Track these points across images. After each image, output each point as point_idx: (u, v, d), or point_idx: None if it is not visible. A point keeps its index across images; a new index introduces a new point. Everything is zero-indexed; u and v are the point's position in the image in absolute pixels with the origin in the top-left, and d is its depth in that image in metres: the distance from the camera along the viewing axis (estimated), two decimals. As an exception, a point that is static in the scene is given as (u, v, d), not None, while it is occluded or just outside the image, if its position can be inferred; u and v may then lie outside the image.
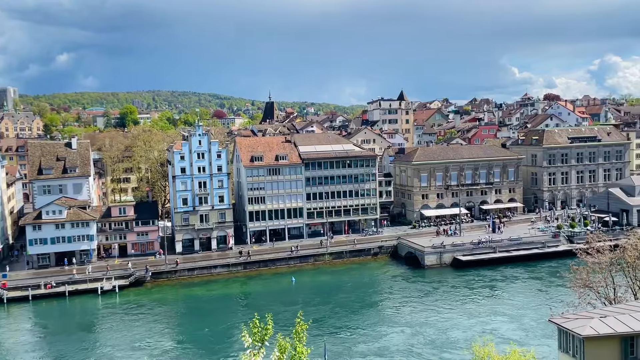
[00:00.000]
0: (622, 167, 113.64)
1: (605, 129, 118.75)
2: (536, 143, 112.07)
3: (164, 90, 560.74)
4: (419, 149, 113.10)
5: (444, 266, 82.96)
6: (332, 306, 68.10)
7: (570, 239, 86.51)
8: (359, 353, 52.58)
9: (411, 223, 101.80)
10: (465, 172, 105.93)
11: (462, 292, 71.79)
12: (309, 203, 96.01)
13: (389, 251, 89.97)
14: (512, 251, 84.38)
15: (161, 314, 68.26)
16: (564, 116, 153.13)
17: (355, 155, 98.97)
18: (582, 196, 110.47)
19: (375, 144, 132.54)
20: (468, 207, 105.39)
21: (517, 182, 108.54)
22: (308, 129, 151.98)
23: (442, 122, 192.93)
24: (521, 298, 68.07)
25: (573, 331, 25.44)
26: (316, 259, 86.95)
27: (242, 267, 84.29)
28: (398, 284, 77.15)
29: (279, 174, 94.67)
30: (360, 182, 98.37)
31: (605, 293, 41.11)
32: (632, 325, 25.28)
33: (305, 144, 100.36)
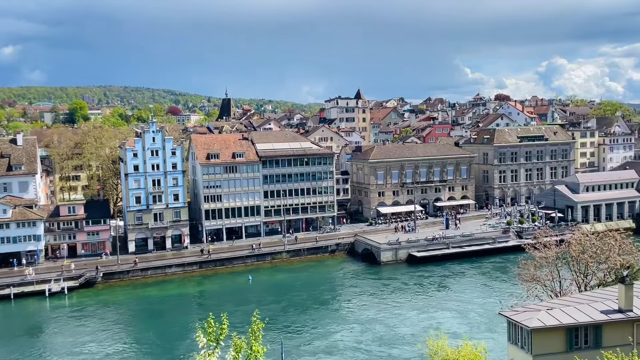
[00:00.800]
0: (568, 165, 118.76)
1: (552, 129, 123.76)
2: (487, 142, 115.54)
3: (116, 86, 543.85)
4: (376, 147, 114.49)
5: (400, 262, 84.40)
6: (288, 304, 68.08)
7: (519, 235, 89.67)
8: (309, 351, 52.71)
9: (368, 220, 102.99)
10: (420, 170, 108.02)
11: (415, 288, 73.18)
12: (267, 201, 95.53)
13: (346, 248, 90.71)
14: (464, 247, 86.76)
15: (112, 316, 66.30)
16: (514, 116, 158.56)
17: (312, 153, 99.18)
18: (530, 193, 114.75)
19: (333, 142, 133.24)
20: (423, 204, 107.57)
21: (469, 179, 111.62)
22: (265, 127, 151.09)
23: (397, 121, 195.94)
24: (472, 292, 70.03)
25: (521, 323, 26.41)
26: (274, 257, 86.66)
27: (198, 266, 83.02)
28: (354, 281, 77.91)
29: (235, 171, 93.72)
30: (318, 180, 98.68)
31: (552, 286, 42.85)
32: (577, 316, 26.48)
33: (263, 141, 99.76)
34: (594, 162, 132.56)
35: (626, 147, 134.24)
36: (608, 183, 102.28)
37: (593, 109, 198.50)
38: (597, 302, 28.06)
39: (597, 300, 28.49)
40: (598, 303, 27.83)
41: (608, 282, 39.46)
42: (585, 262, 41.73)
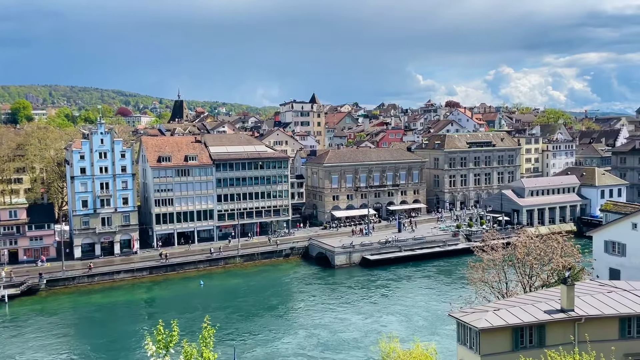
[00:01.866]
0: (514, 170, 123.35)
1: (499, 135, 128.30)
2: (438, 147, 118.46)
3: (62, 85, 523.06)
4: (330, 151, 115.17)
5: (353, 265, 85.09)
6: (239, 309, 67.26)
7: (468, 238, 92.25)
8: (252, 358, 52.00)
9: (322, 224, 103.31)
10: (373, 174, 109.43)
11: (365, 291, 73.58)
12: (220, 205, 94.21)
13: (300, 252, 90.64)
14: (416, 250, 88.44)
15: (56, 325, 63.45)
16: (463, 122, 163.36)
17: (267, 157, 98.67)
18: (478, 197, 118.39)
19: (288, 145, 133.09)
20: (376, 207, 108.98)
21: (421, 184, 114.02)
22: (219, 129, 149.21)
23: (352, 126, 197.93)
24: (422, 295, 71.39)
25: (470, 324, 27.11)
26: (227, 262, 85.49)
27: (148, 272, 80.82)
28: (306, 285, 77.72)
29: (188, 175, 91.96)
30: (273, 184, 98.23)
31: (499, 287, 44.22)
32: (522, 316, 27.43)
33: (216, 144, 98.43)
34: (538, 167, 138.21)
35: (568, 153, 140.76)
36: (551, 188, 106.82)
37: (537, 117, 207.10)
38: (541, 302, 29.18)
39: (541, 300, 29.62)
40: (542, 303, 28.94)
41: (551, 283, 41.11)
42: (530, 263, 43.32)
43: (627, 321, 27.61)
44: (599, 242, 46.84)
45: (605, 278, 43.02)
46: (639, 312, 27.53)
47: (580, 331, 26.72)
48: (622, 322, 27.59)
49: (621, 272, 43.80)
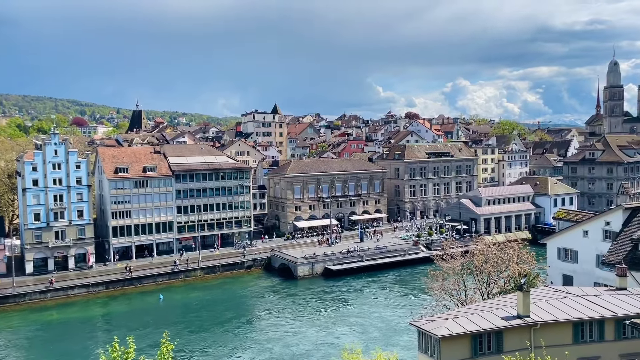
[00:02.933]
0: (471, 180, 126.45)
1: (457, 146, 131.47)
2: (399, 157, 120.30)
3: (14, 94, 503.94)
4: (293, 162, 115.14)
5: (316, 276, 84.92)
6: (198, 324, 65.87)
7: (429, 247, 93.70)
8: None
9: (285, 235, 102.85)
10: (335, 185, 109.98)
11: (326, 302, 73.18)
12: (180, 216, 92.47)
13: (262, 263, 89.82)
14: (378, 259, 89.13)
15: (5, 345, 60.46)
16: (423, 133, 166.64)
17: (228, 167, 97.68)
18: (438, 206, 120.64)
19: (250, 156, 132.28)
20: (338, 218, 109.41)
21: (382, 193, 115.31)
22: (179, 140, 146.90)
23: (314, 136, 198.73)
24: (382, 304, 71.80)
25: (430, 332, 27.42)
26: (187, 275, 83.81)
27: (104, 286, 78.25)
28: (266, 297, 76.72)
29: (146, 186, 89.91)
30: (234, 195, 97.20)
31: (458, 295, 45.03)
32: (480, 323, 27.96)
33: (176, 155, 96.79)
34: (495, 177, 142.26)
35: (522, 163, 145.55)
36: (507, 197, 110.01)
37: (493, 128, 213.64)
38: (499, 309, 29.84)
39: (498, 307, 30.29)
40: (499, 310, 29.59)
41: (508, 290, 42.09)
42: (488, 271, 44.34)
43: (580, 326, 28.54)
44: (553, 249, 48.37)
45: (559, 284, 44.44)
46: (591, 317, 28.53)
47: (536, 336, 27.43)
48: (576, 327, 28.50)
49: (574, 278, 45.34)
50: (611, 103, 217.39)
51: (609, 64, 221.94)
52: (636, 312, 26.77)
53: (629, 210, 42.87)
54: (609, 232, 43.46)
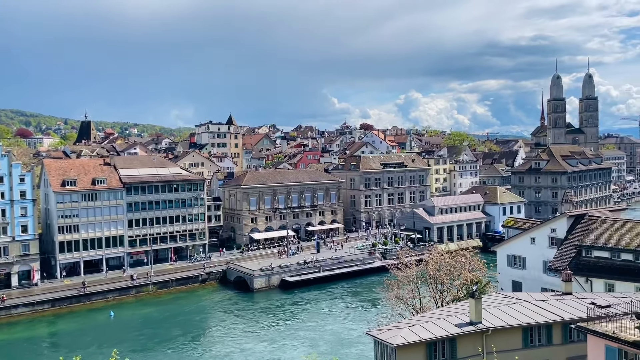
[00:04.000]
0: (425, 189, 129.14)
1: (410, 156, 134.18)
2: (354, 168, 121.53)
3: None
4: (248, 173, 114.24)
5: (273, 288, 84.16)
6: (148, 341, 63.94)
7: (384, 256, 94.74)
8: None
9: (240, 247, 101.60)
10: (292, 196, 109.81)
11: (279, 315, 72.47)
12: (131, 230, 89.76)
13: (217, 277, 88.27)
14: (334, 270, 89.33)
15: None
16: (377, 144, 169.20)
17: (182, 179, 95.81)
18: (393, 216, 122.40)
19: (204, 167, 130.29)
20: (295, 228, 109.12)
21: (338, 204, 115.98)
22: (130, 151, 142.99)
23: (270, 147, 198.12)
24: (341, 314, 71.96)
25: (386, 341, 27.66)
26: (139, 290, 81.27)
27: (50, 304, 74.80)
28: (220, 312, 75.18)
29: (95, 199, 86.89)
30: (188, 207, 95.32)
31: (413, 304, 45.63)
32: (435, 331, 28.44)
33: (127, 166, 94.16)
34: (446, 186, 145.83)
35: (472, 173, 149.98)
36: (459, 206, 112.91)
37: (444, 139, 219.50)
38: (452, 316, 30.46)
39: (451, 314, 30.91)
40: (452, 317, 30.20)
41: (461, 297, 43.03)
42: (441, 279, 45.20)
43: (529, 331, 29.50)
44: (502, 257, 49.94)
45: (509, 290, 45.86)
46: (539, 322, 29.54)
47: (487, 342, 28.13)
48: (525, 332, 29.44)
49: (522, 284, 46.90)
50: (554, 115, 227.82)
51: (552, 78, 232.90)
52: (581, 316, 27.90)
53: (573, 217, 44.87)
54: (555, 239, 45.28)
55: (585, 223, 42.99)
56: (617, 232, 39.87)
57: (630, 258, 37.86)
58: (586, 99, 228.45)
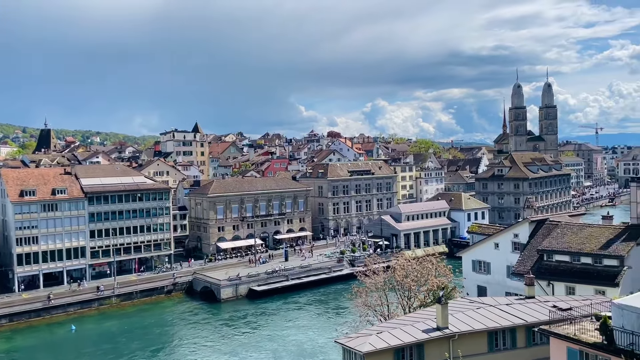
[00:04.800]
0: (391, 196, 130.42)
1: (377, 164, 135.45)
2: (322, 176, 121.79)
3: None
4: (215, 182, 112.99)
5: (240, 298, 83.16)
6: (113, 354, 62.06)
7: (352, 263, 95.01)
8: None
9: (207, 256, 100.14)
10: (259, 204, 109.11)
11: (245, 325, 71.44)
12: (93, 241, 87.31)
13: (184, 287, 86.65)
14: (303, 278, 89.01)
15: None
16: (345, 152, 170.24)
17: (146, 188, 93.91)
18: (360, 223, 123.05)
19: (169, 176, 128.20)
20: (263, 237, 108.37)
21: (306, 212, 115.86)
22: (92, 160, 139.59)
23: (237, 155, 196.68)
24: (309, 322, 71.65)
25: (355, 349, 27.64)
26: (101, 303, 78.96)
27: (7, 319, 71.83)
28: (185, 323, 73.46)
29: (56, 210, 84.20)
30: (153, 217, 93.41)
31: (381, 310, 45.89)
32: (402, 337, 28.59)
33: (89, 176, 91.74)
34: (413, 193, 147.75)
35: (438, 180, 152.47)
36: (425, 212, 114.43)
37: (410, 147, 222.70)
38: (419, 322, 30.70)
39: (419, 320, 31.16)
40: (420, 323, 30.45)
41: (428, 303, 43.50)
42: (409, 285, 45.61)
43: (494, 335, 29.99)
44: (468, 262, 50.78)
45: (474, 295, 46.65)
46: (504, 326, 30.08)
47: (454, 347, 28.47)
48: (490, 336, 29.91)
49: (487, 289, 47.77)
50: (516, 123, 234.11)
51: (513, 87, 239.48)
52: (544, 319, 28.57)
53: (534, 222, 46.05)
54: (518, 244, 46.36)
55: (547, 228, 44.17)
56: (577, 237, 41.11)
57: (589, 261, 39.06)
58: (546, 107, 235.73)
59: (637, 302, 21.21)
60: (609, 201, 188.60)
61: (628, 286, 35.90)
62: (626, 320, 21.26)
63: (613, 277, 37.16)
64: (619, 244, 38.66)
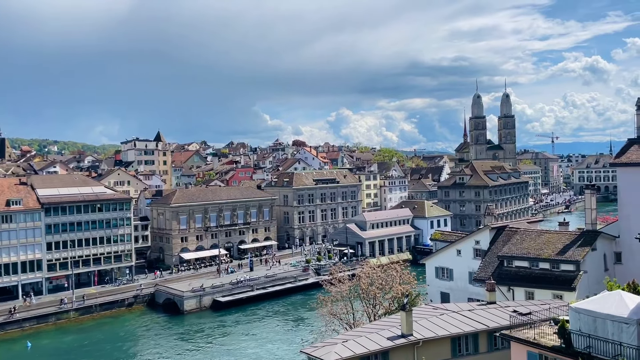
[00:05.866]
0: (356, 205, 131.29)
1: (342, 172, 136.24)
2: (287, 185, 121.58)
3: None
4: (178, 191, 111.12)
5: (204, 309, 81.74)
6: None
7: (318, 272, 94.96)
8: None
9: (170, 268, 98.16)
10: (224, 213, 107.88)
11: (207, 338, 70.10)
12: (51, 254, 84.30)
13: (145, 300, 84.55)
14: (268, 288, 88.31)
15: None
16: (310, 160, 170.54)
17: (106, 199, 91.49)
18: (326, 232, 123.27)
19: (131, 185, 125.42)
20: (227, 247, 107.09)
21: (271, 221, 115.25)
22: (50, 170, 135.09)
23: (200, 164, 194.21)
24: (275, 332, 71.08)
25: (320, 358, 27.58)
26: (58, 318, 76.17)
27: (-43, 338, 68.44)
28: (149, 336, 71.50)
29: (10, 221, 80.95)
30: (113, 228, 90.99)
31: (347, 319, 45.99)
32: (368, 345, 28.72)
33: (46, 186, 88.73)
34: (377, 202, 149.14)
35: (401, 188, 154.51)
36: (389, 220, 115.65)
37: (374, 155, 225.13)
38: (384, 329, 30.92)
39: (384, 328, 31.39)
40: (385, 330, 30.67)
41: (393, 310, 43.90)
42: (374, 293, 45.92)
43: (457, 340, 30.49)
44: (431, 269, 51.55)
45: (438, 301, 47.31)
46: (466, 331, 30.63)
47: (418, 354, 28.79)
48: (453, 342, 30.39)
49: (450, 295, 48.56)
50: (476, 132, 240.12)
51: (473, 97, 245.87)
52: (505, 324, 29.22)
53: (495, 229, 47.21)
54: (479, 251, 47.38)
55: (506, 234, 45.36)
56: (535, 243, 42.36)
57: (547, 267, 40.28)
58: (504, 117, 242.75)
59: (592, 306, 21.96)
60: (564, 208, 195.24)
61: (584, 290, 37.16)
62: (583, 324, 21.97)
63: (570, 282, 38.41)
64: (575, 249, 40.06)
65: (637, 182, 40.48)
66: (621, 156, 42.40)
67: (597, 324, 21.35)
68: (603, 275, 37.69)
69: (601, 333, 21.24)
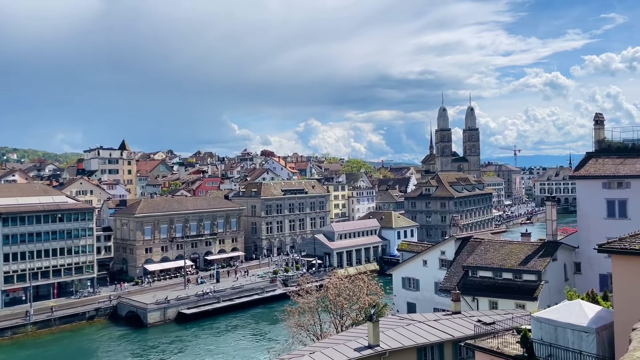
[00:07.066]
0: (325, 215, 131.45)
1: (310, 183, 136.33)
2: (255, 195, 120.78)
3: None
4: (142, 201, 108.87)
5: (169, 322, 79.94)
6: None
7: (285, 283, 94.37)
8: None
9: (133, 279, 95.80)
10: (190, 224, 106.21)
11: (179, 349, 68.94)
12: (8, 265, 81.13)
13: (107, 313, 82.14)
14: (235, 299, 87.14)
15: None
16: (278, 171, 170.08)
17: (68, 208, 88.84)
18: (294, 242, 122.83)
19: (93, 195, 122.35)
20: (193, 258, 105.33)
21: (239, 231, 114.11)
22: (8, 179, 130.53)
23: (166, 174, 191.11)
24: (241, 345, 70.04)
25: (287, 371, 27.31)
26: (14, 332, 73.15)
27: None
28: (111, 350, 69.45)
29: (-36, 231, 77.67)
30: (74, 238, 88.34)
31: (314, 330, 45.76)
32: (335, 357, 28.59)
33: (4, 195, 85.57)
34: (345, 212, 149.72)
35: (369, 199, 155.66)
36: (357, 231, 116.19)
37: (343, 166, 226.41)
38: (351, 340, 30.87)
39: (351, 339, 31.34)
40: (352, 341, 30.61)
41: (360, 321, 43.94)
42: (341, 304, 45.89)
43: (423, 350, 30.68)
44: (398, 279, 51.91)
45: (404, 311, 47.64)
46: (432, 341, 30.87)
47: (385, 365, 28.78)
48: (419, 352, 30.56)
49: (417, 305, 48.95)
50: (442, 144, 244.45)
51: (439, 110, 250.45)
52: (469, 334, 29.60)
53: (460, 240, 47.97)
54: (444, 261, 48.02)
55: (471, 245, 46.14)
56: (499, 253, 43.22)
57: (510, 277, 41.11)
58: (469, 129, 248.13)
59: (553, 315, 22.46)
60: (526, 219, 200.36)
61: (546, 299, 38.05)
62: (544, 333, 22.44)
63: (532, 291, 39.29)
64: (537, 259, 41.05)
65: (595, 194, 41.88)
66: (580, 169, 43.83)
67: (558, 333, 21.84)
68: (563, 285, 38.70)
69: (562, 342, 21.72)
